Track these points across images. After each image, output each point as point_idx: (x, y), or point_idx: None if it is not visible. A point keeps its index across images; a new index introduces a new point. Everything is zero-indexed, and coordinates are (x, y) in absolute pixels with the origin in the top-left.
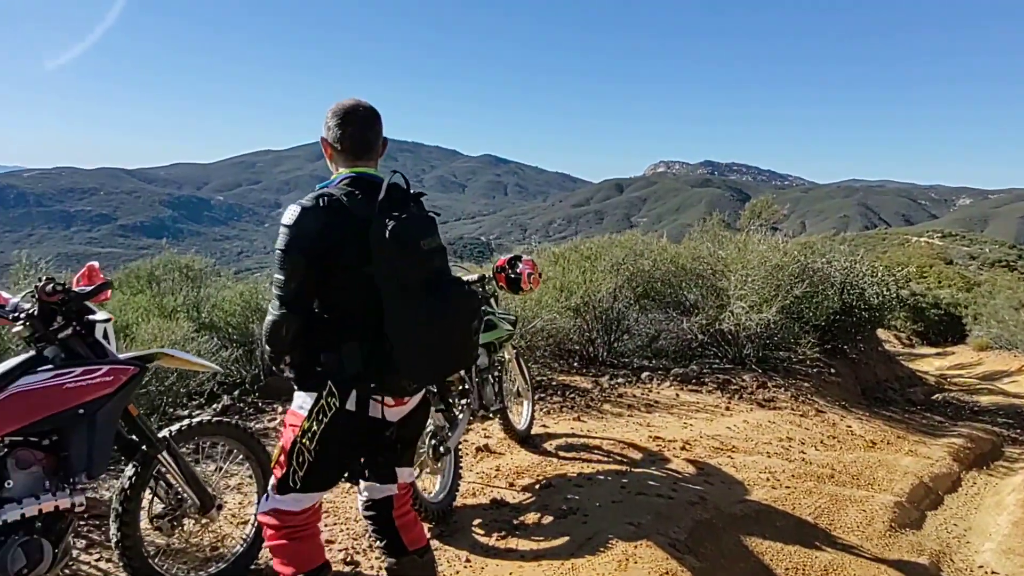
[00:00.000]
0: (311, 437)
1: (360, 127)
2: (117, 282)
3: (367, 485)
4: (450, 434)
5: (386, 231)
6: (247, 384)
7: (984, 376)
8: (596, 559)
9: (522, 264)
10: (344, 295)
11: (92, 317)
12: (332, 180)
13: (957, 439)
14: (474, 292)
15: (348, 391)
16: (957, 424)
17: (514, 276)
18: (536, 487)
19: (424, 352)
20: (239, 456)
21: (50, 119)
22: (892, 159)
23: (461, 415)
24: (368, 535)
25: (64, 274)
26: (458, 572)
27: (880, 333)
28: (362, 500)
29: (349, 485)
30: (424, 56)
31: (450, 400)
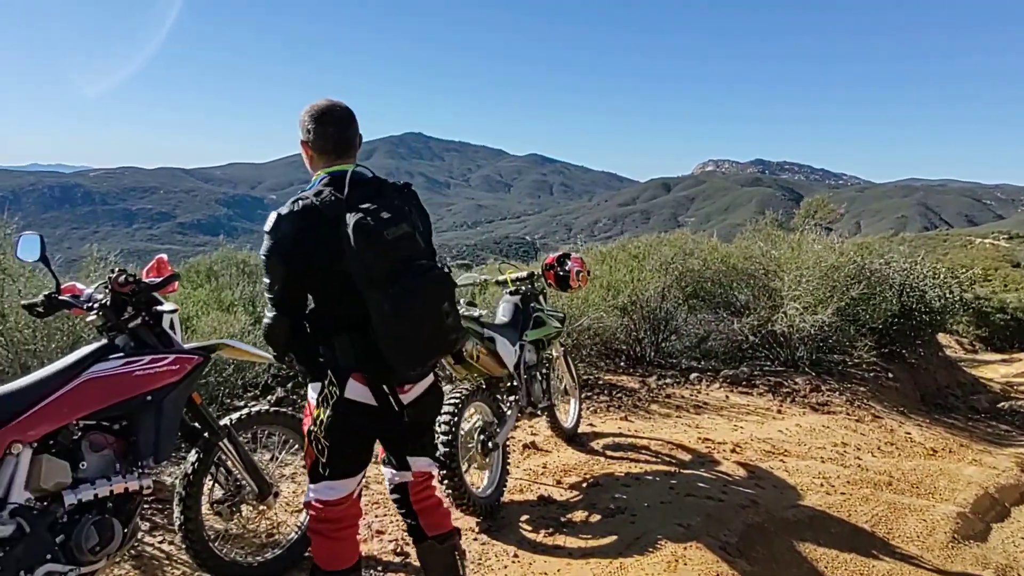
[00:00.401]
0: (320, 425)
1: (338, 127)
2: None
3: (386, 469)
4: (498, 430)
5: (350, 225)
6: (300, 377)
7: None
8: (645, 559)
9: (571, 262)
10: (327, 293)
11: (160, 308)
12: (312, 183)
13: None
14: (445, 274)
15: (345, 380)
16: None
17: (563, 273)
18: (583, 485)
19: (396, 344)
20: (294, 446)
21: (116, 121)
22: (954, 157)
23: (509, 411)
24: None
25: (131, 268)
26: (506, 567)
27: (940, 338)
28: (387, 483)
29: None
30: (473, 57)
31: (499, 396)
